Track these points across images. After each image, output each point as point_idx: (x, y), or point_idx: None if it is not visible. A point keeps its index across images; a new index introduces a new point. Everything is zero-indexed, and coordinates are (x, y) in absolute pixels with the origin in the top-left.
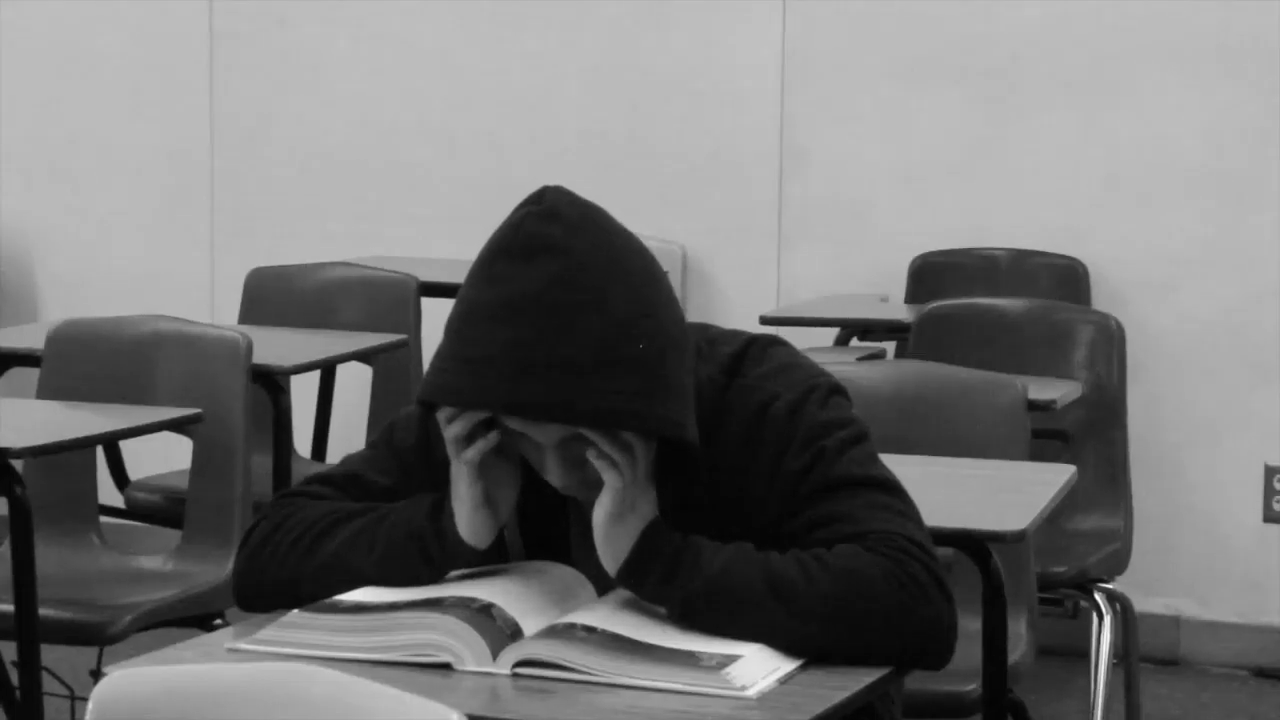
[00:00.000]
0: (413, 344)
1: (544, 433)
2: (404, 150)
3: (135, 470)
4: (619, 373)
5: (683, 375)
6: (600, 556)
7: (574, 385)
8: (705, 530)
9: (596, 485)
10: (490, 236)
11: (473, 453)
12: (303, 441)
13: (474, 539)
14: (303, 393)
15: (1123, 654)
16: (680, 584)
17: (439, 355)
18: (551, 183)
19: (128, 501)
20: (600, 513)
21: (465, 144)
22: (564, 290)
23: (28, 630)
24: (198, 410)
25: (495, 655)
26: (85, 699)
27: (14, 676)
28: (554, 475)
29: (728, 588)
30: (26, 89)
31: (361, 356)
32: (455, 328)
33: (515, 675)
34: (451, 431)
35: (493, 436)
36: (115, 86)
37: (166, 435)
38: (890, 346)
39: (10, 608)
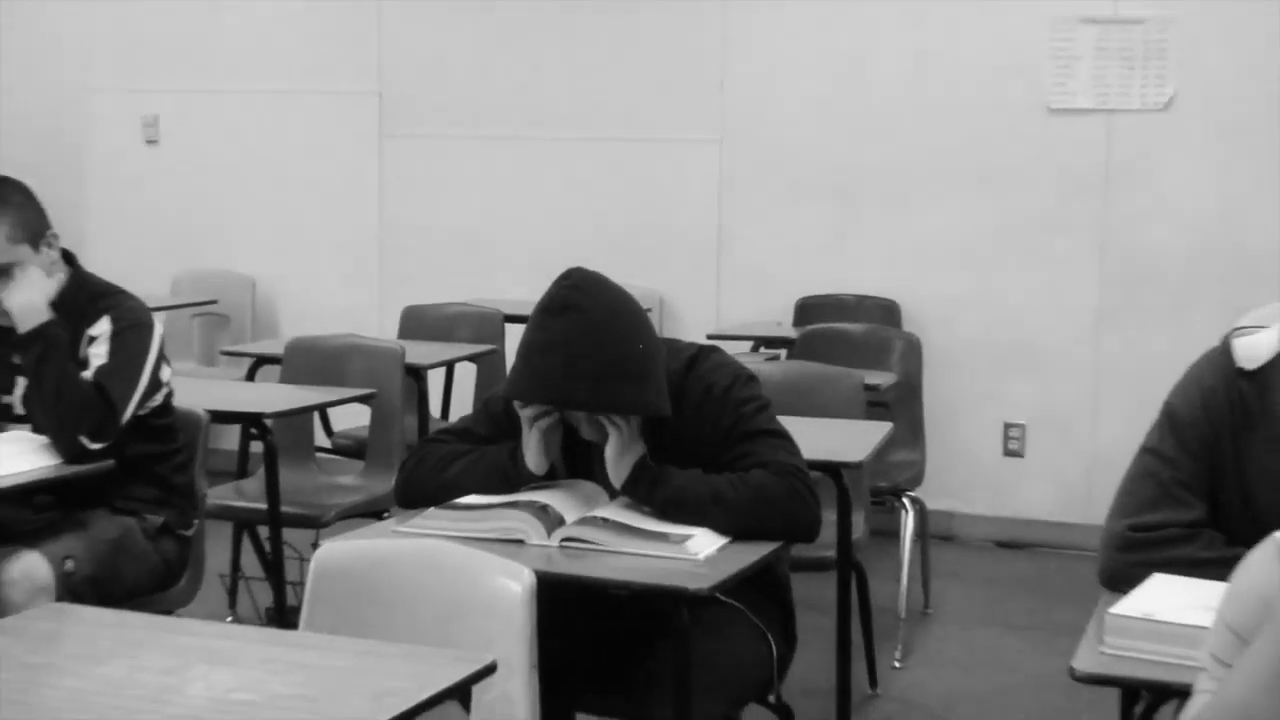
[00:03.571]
0: (500, 352)
1: (578, 413)
2: (497, 232)
3: (337, 425)
4: (621, 381)
5: (660, 375)
6: (611, 478)
7: (594, 389)
8: (674, 460)
9: (607, 436)
10: (540, 299)
11: (537, 421)
12: (435, 408)
13: (536, 468)
14: (435, 380)
15: (919, 534)
16: (659, 494)
17: (515, 369)
18: (584, 255)
19: (333, 444)
20: (609, 453)
21: (532, 230)
22: (584, 334)
23: (275, 519)
24: (373, 390)
25: (549, 534)
26: (308, 560)
27: (267, 547)
28: (585, 431)
29: (686, 497)
30: (248, 192)
31: (470, 359)
32: (523, 354)
33: (562, 546)
34: (524, 412)
35: (546, 413)
36: (321, 187)
37: (355, 405)
38: (783, 353)
39: (265, 506)
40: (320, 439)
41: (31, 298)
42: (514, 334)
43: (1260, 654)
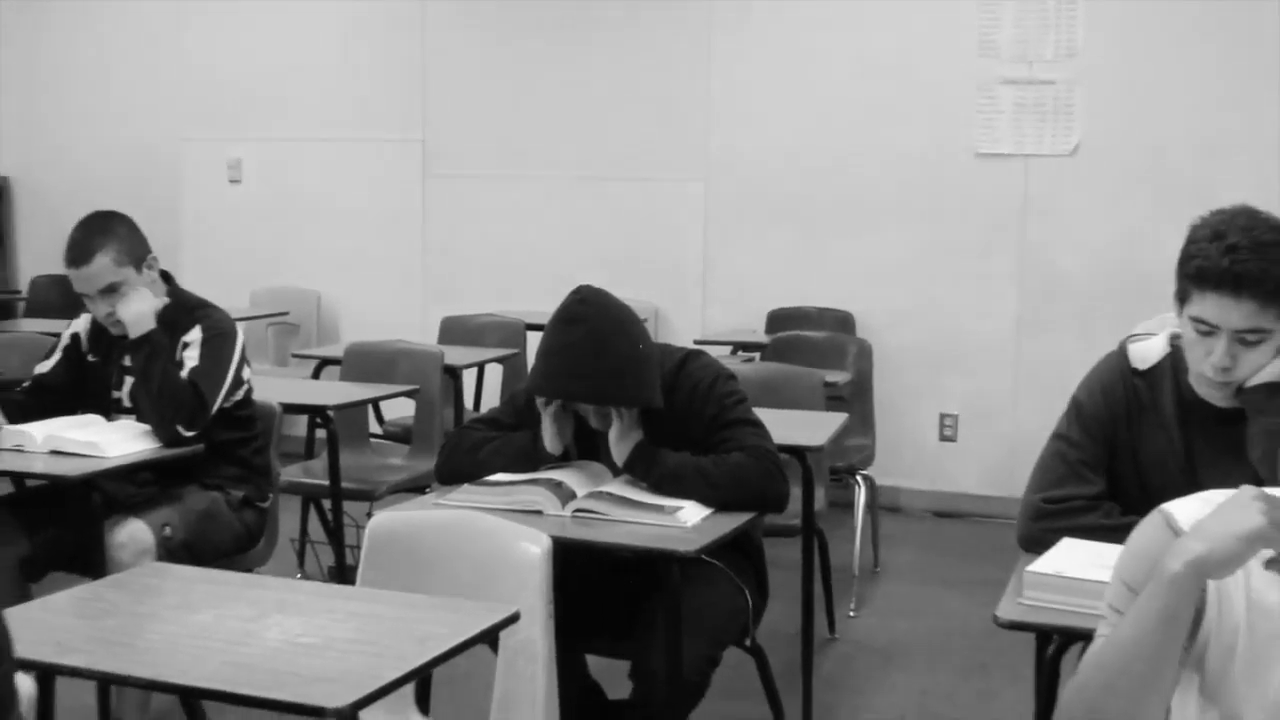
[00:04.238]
0: (522, 355)
1: (588, 405)
2: (520, 255)
3: (388, 415)
4: (622, 378)
5: (655, 373)
6: (614, 459)
7: (600, 385)
8: (667, 445)
9: (611, 425)
10: (555, 311)
11: (552, 409)
12: (469, 401)
13: (553, 451)
14: (469, 378)
15: (870, 505)
16: (655, 473)
17: (534, 369)
18: (591, 274)
19: (384, 431)
20: (612, 438)
21: (548, 253)
22: (592, 340)
23: (336, 494)
24: (417, 386)
25: (564, 506)
26: (364, 527)
27: (329, 517)
28: (593, 421)
29: (679, 474)
30: (314, 223)
31: (497, 361)
32: (541, 356)
33: (574, 516)
34: (542, 403)
35: (560, 405)
36: (374, 218)
37: (403, 399)
38: (757, 356)
39: (328, 483)
40: (373, 427)
41: (142, 309)
42: (534, 340)
43: (1146, 602)
